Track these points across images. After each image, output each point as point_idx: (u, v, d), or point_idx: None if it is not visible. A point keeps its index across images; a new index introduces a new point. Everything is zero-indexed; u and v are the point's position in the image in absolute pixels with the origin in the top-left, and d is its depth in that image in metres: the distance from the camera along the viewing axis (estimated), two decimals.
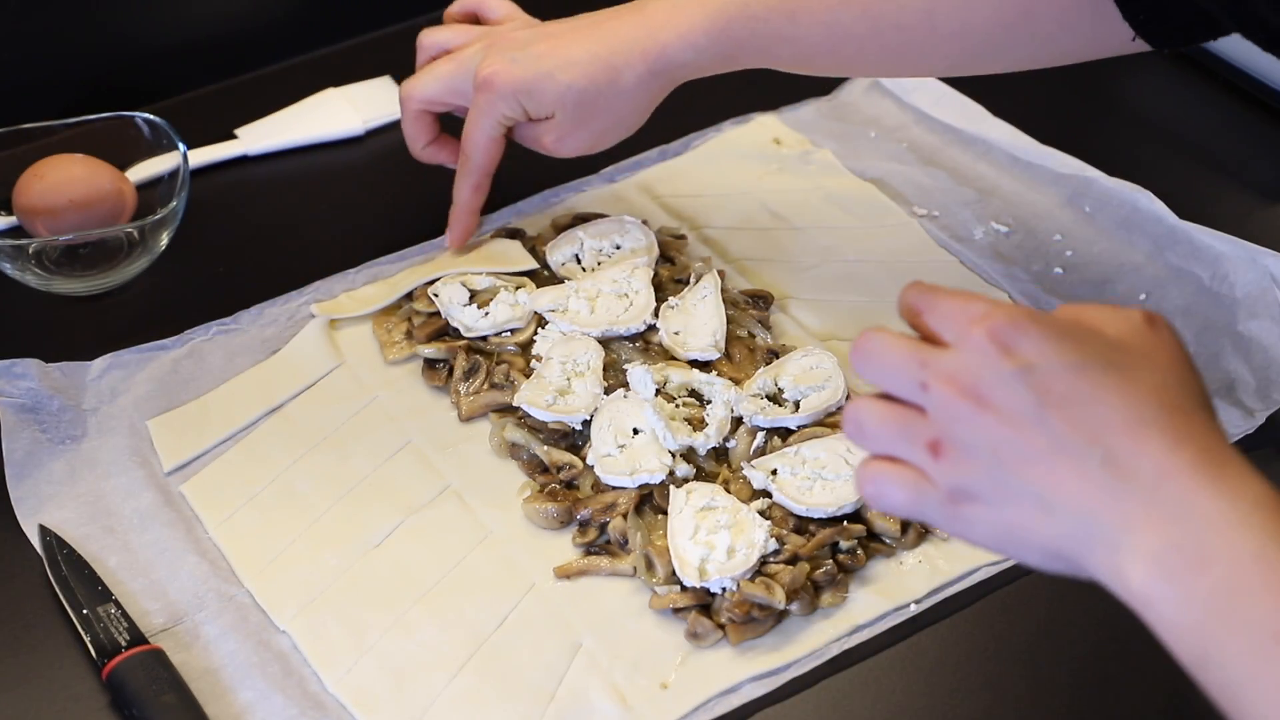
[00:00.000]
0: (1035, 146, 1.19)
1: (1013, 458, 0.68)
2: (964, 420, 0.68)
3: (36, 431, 1.00)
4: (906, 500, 0.71)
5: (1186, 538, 0.65)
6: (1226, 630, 0.64)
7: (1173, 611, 0.65)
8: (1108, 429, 0.67)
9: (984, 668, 0.90)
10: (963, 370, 0.68)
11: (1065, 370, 0.67)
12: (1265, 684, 0.63)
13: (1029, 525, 0.68)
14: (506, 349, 1.04)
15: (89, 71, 1.26)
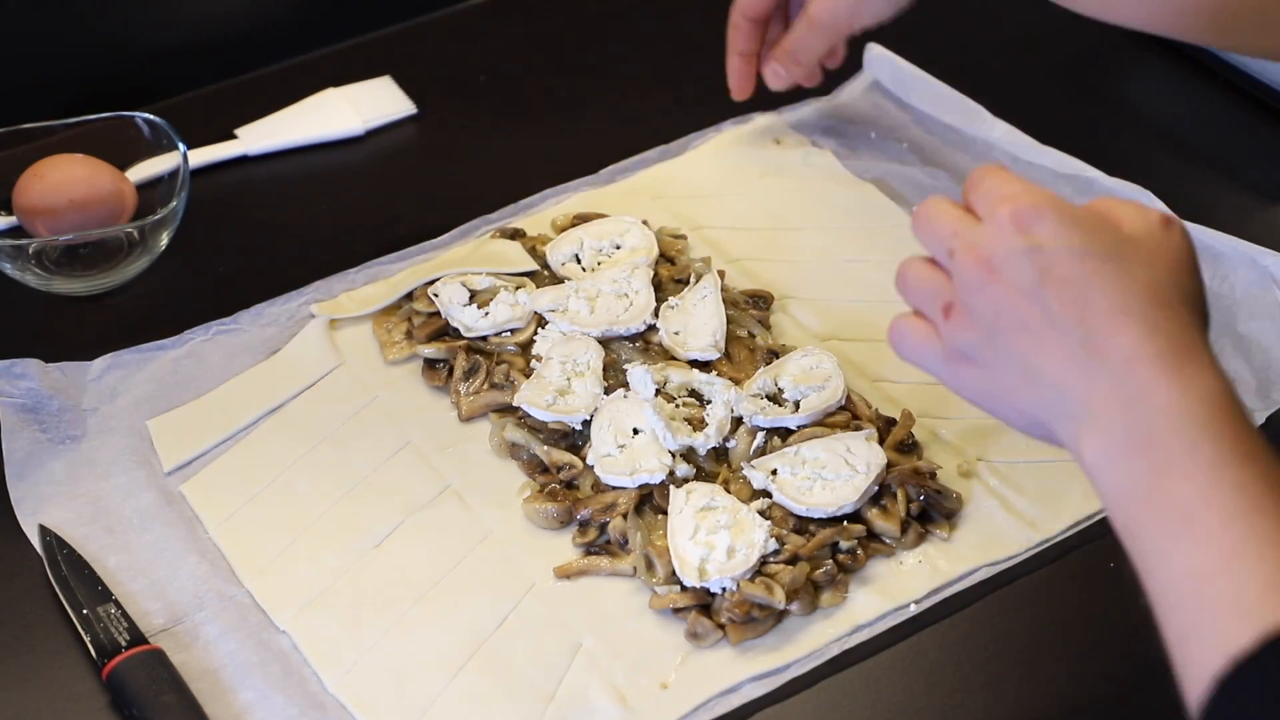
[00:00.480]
0: (1035, 146, 1.19)
1: (1009, 325, 0.75)
2: (974, 287, 0.76)
3: (36, 431, 1.00)
4: (914, 349, 0.82)
5: (1136, 422, 0.71)
6: (1149, 508, 0.70)
7: (1112, 486, 0.72)
8: (1093, 312, 0.73)
9: (984, 668, 0.90)
10: (983, 243, 0.76)
11: (1069, 254, 0.74)
12: (1171, 558, 0.69)
13: (1014, 390, 0.77)
14: (506, 349, 1.04)
15: (89, 71, 1.26)
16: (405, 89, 1.27)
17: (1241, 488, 0.69)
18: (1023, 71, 1.24)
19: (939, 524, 0.94)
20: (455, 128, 1.25)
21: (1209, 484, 0.69)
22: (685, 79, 1.27)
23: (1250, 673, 0.64)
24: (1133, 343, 0.72)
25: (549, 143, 1.23)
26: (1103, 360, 0.73)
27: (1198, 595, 0.68)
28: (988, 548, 0.94)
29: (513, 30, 1.35)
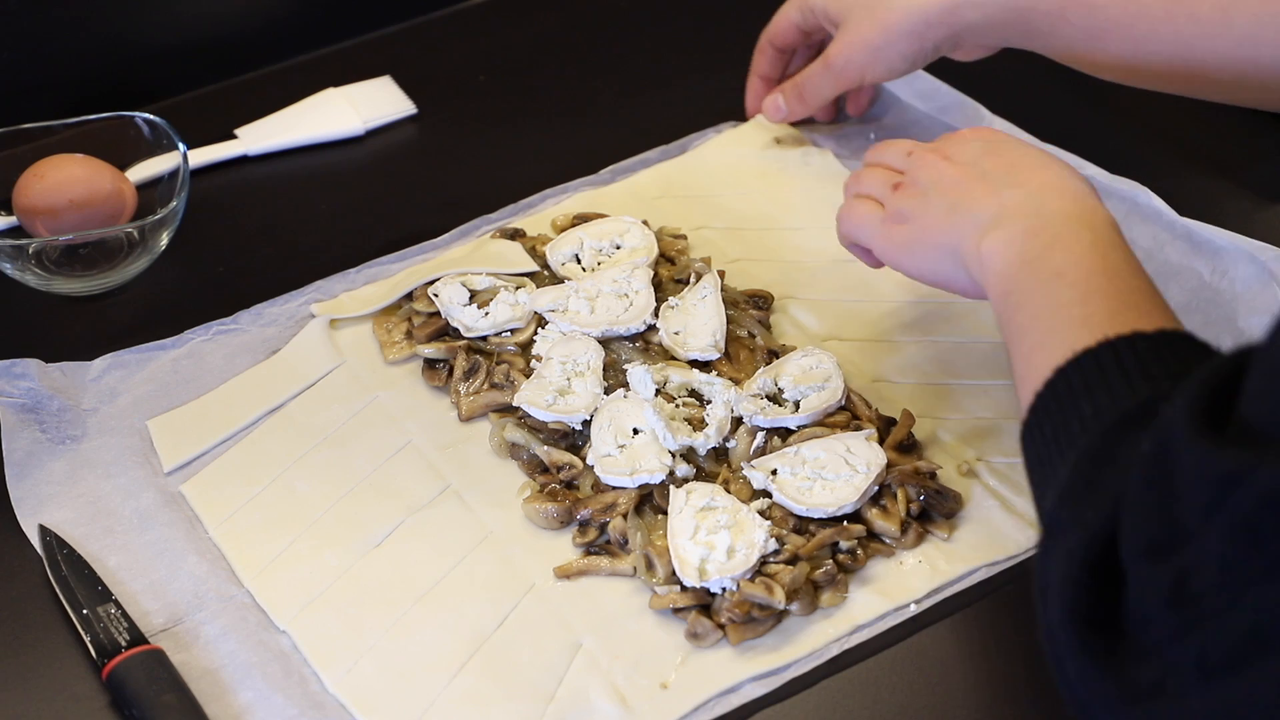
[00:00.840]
0: (1034, 142, 1.19)
1: (947, 183, 0.91)
2: (928, 166, 0.93)
3: (36, 431, 1.00)
4: (858, 220, 0.97)
5: (1037, 219, 0.85)
6: (1029, 270, 0.83)
7: (1001, 262, 0.84)
8: (1020, 168, 0.89)
9: (984, 668, 0.90)
10: (939, 144, 0.95)
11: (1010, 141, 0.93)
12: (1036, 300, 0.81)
13: (935, 227, 0.91)
14: (506, 349, 1.04)
15: (89, 71, 1.26)
16: (405, 89, 1.27)
17: (1109, 263, 0.81)
18: (1023, 71, 1.23)
19: (939, 524, 0.94)
20: (455, 128, 1.25)
21: (1082, 255, 0.82)
22: (685, 79, 1.27)
23: (1086, 361, 0.73)
24: (1049, 179, 0.88)
25: (549, 143, 1.23)
26: (1019, 188, 0.88)
27: (1053, 320, 0.78)
28: (988, 548, 0.94)
29: (513, 30, 1.35)
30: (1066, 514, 0.65)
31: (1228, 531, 0.56)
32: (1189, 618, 0.57)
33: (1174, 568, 0.58)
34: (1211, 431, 0.58)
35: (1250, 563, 0.55)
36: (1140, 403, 0.68)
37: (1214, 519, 0.56)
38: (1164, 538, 0.59)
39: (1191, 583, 0.57)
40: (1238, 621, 0.55)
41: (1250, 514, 0.55)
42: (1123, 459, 0.64)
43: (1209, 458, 0.57)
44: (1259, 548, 0.55)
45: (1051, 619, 0.63)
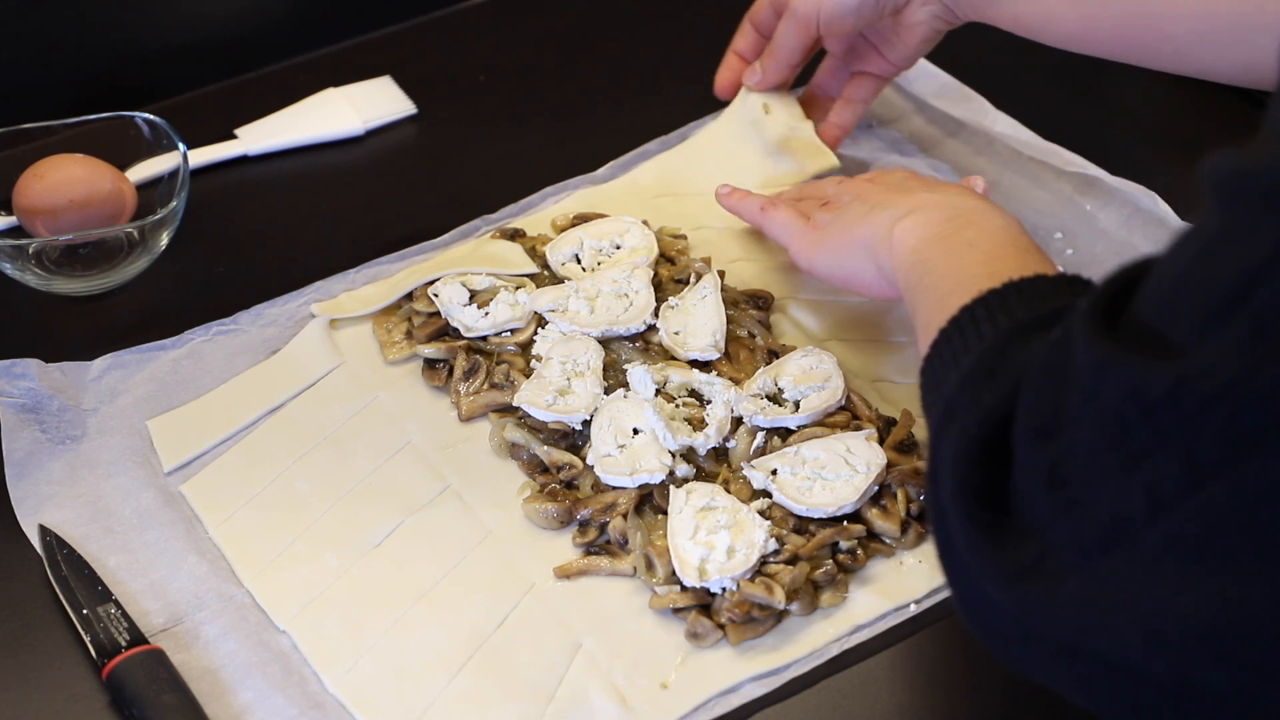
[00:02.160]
0: (1038, 142, 1.19)
1: (867, 195, 0.98)
2: (852, 186, 1.01)
3: (36, 431, 1.00)
4: (783, 224, 1.04)
5: (951, 212, 0.90)
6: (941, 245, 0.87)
7: (911, 239, 0.89)
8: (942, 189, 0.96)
9: (984, 668, 0.90)
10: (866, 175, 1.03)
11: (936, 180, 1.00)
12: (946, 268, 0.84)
13: (850, 224, 0.97)
14: (506, 349, 1.04)
15: (89, 71, 1.26)
16: (405, 89, 1.27)
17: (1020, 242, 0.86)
18: (1023, 70, 1.24)
19: None
20: (455, 128, 1.25)
21: (994, 231, 0.87)
22: (685, 79, 1.27)
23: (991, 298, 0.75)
24: (970, 196, 0.93)
25: (549, 142, 1.23)
26: (936, 192, 0.94)
27: (961, 278, 0.80)
28: None
29: (513, 30, 1.35)
30: (966, 397, 0.67)
31: (1097, 420, 0.58)
32: (1062, 500, 0.59)
33: (1052, 451, 0.60)
34: (1104, 324, 0.59)
35: (1114, 452, 0.57)
36: (1051, 309, 0.70)
37: (1088, 408, 0.58)
38: (1050, 422, 0.60)
39: (1064, 467, 0.59)
40: (1101, 509, 0.57)
41: (1117, 405, 0.57)
42: (1026, 350, 0.66)
43: (1093, 345, 0.58)
44: (1123, 438, 0.56)
45: (942, 494, 0.64)
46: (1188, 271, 0.58)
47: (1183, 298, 0.58)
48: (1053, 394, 0.61)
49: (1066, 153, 1.18)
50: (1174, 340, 0.57)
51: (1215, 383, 0.54)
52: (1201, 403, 0.54)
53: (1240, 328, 0.54)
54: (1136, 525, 0.56)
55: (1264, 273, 0.54)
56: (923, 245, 0.89)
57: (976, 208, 0.91)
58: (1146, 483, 0.56)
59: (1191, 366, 0.55)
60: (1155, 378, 0.55)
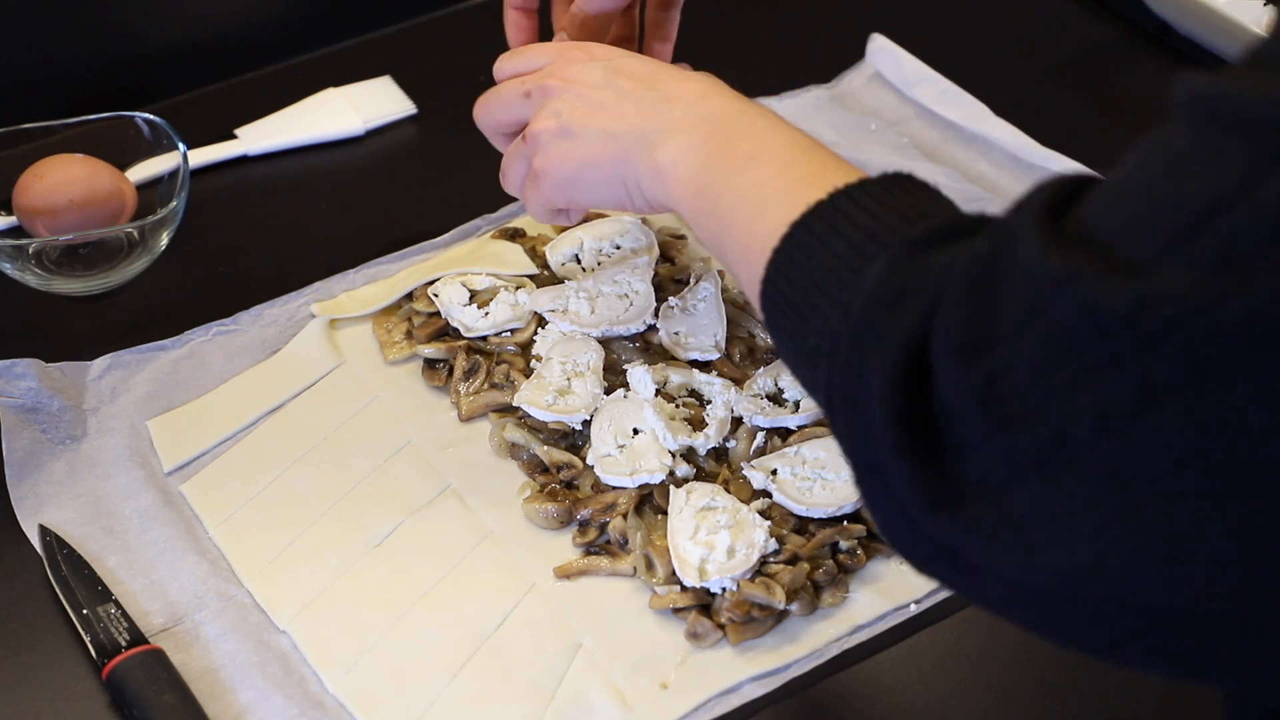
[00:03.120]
0: (1036, 148, 1.19)
1: (586, 109, 0.89)
2: (554, 92, 0.91)
3: (36, 431, 1.00)
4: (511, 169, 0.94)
5: (707, 123, 0.84)
6: (720, 166, 0.81)
7: (684, 168, 0.83)
8: (662, 81, 0.88)
9: (984, 668, 0.90)
10: (556, 67, 0.92)
11: (630, 57, 0.91)
12: (738, 185, 0.79)
13: (596, 156, 0.88)
14: (506, 349, 1.04)
15: (89, 71, 1.26)
16: (405, 89, 1.27)
17: (795, 139, 0.81)
18: (1023, 71, 1.24)
19: None
20: (455, 128, 1.25)
21: (768, 136, 0.81)
22: None
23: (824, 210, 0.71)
24: (700, 88, 0.86)
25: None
26: (676, 102, 0.86)
27: (762, 194, 0.77)
28: None
29: None
30: (880, 321, 0.63)
31: (1044, 335, 0.56)
32: (997, 418, 0.57)
33: (984, 368, 0.58)
34: (1057, 238, 0.57)
35: (1061, 369, 0.55)
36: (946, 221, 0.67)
37: (1033, 323, 0.56)
38: (978, 339, 0.58)
39: (1000, 384, 0.57)
40: (1042, 427, 0.56)
41: (1071, 319, 0.55)
42: (937, 265, 0.63)
43: (1047, 259, 0.56)
44: (1072, 355, 0.55)
45: (872, 425, 0.61)
46: (1153, 187, 0.56)
47: (1146, 214, 0.56)
48: (981, 309, 0.58)
49: (1065, 159, 1.18)
50: (1133, 258, 0.55)
51: (1179, 307, 0.52)
52: (1162, 326, 0.52)
53: (1206, 253, 0.52)
54: (1079, 445, 0.55)
55: (1234, 199, 0.52)
56: (698, 174, 0.82)
57: (732, 111, 0.84)
58: (1095, 402, 0.54)
59: (1154, 287, 0.53)
60: (1115, 296, 0.54)
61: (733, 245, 0.79)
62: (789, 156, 0.79)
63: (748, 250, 0.76)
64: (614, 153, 0.88)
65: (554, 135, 0.90)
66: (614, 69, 0.90)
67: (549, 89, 0.91)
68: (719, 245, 0.81)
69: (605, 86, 0.89)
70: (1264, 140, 0.52)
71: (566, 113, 0.90)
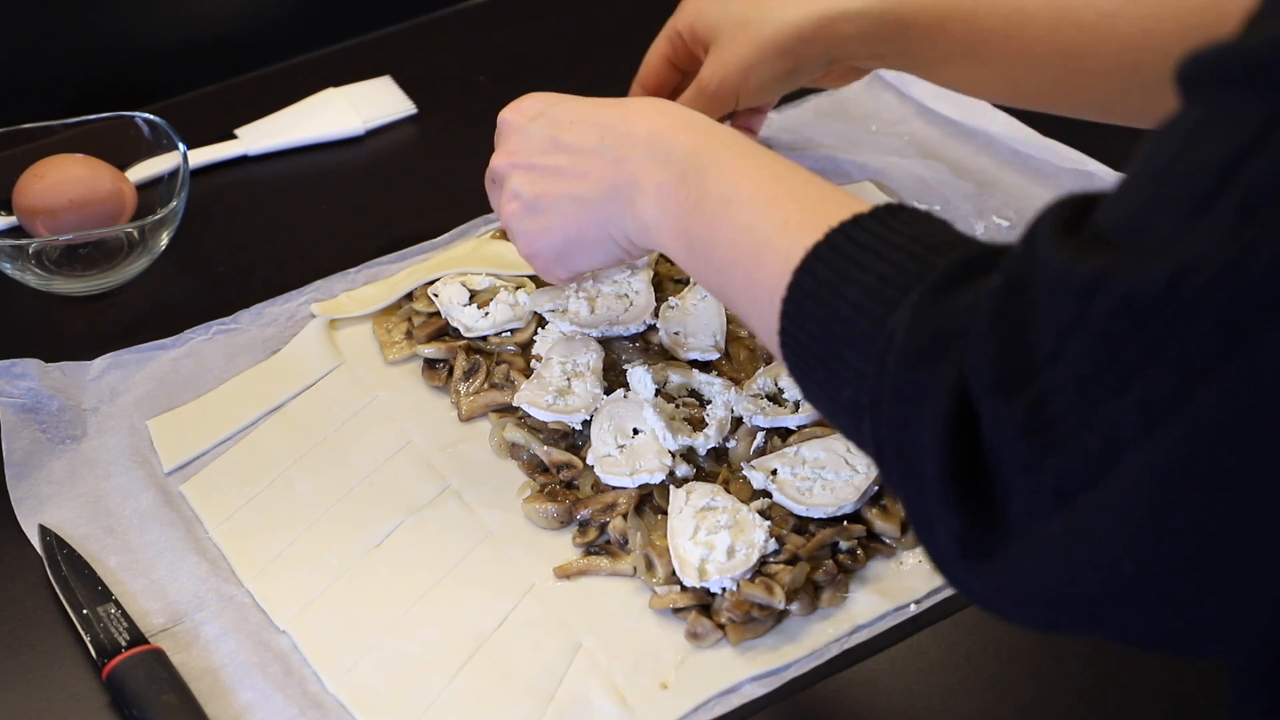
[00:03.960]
0: (1036, 139, 1.19)
1: (546, 184, 0.88)
2: (504, 175, 0.91)
3: (36, 431, 1.00)
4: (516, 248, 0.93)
5: (673, 166, 0.82)
6: (701, 212, 0.80)
7: (670, 219, 0.82)
8: (607, 128, 0.86)
9: (984, 668, 0.90)
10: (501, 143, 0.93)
11: (563, 103, 0.91)
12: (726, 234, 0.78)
13: (574, 223, 0.88)
14: (506, 349, 1.04)
15: (89, 71, 1.26)
16: (405, 89, 1.27)
17: (764, 165, 0.79)
18: None
19: None
20: (455, 128, 1.25)
21: (735, 169, 0.80)
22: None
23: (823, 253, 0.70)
24: (649, 125, 0.85)
25: None
26: (631, 148, 0.85)
27: (753, 240, 0.76)
28: None
29: (513, 30, 1.35)
30: (919, 374, 0.62)
31: (1085, 346, 0.54)
32: (1044, 444, 0.56)
33: (1027, 398, 0.56)
34: (1075, 246, 0.56)
35: (1105, 375, 0.54)
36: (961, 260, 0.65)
37: (1071, 338, 0.55)
38: (1015, 370, 0.57)
39: (1046, 409, 0.56)
40: (1091, 441, 0.54)
41: (1108, 321, 0.54)
42: (962, 308, 0.62)
43: (1071, 269, 0.55)
44: (1114, 357, 0.54)
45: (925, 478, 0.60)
46: (1167, 168, 0.55)
47: (1164, 194, 0.54)
48: (1008, 342, 0.57)
49: (1064, 148, 1.18)
50: (1157, 239, 0.53)
51: (1209, 271, 0.51)
52: (1196, 295, 0.51)
53: (1230, 212, 0.51)
54: (1127, 448, 0.53)
55: (1250, 151, 0.51)
56: (684, 221, 0.81)
57: (691, 147, 0.82)
58: (1139, 398, 0.53)
59: (1183, 259, 0.52)
60: (1148, 279, 0.52)
61: (740, 297, 0.78)
62: (766, 192, 0.78)
63: (756, 302, 0.75)
64: (593, 218, 0.87)
65: (522, 217, 0.90)
66: (554, 125, 0.90)
67: (497, 170, 0.92)
68: (724, 295, 0.81)
69: (553, 150, 0.89)
70: (1272, 87, 0.51)
71: (525, 189, 0.89)
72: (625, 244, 0.87)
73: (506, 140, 0.92)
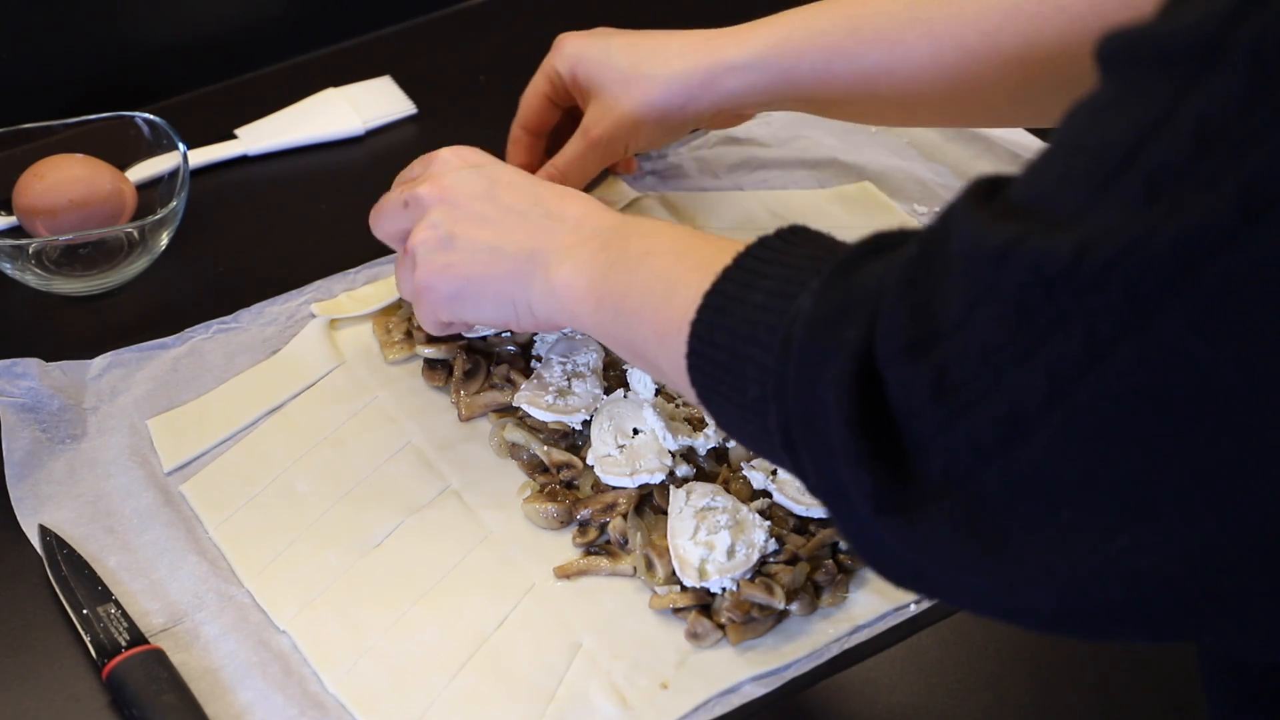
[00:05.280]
0: (1036, 143, 1.19)
1: (468, 224, 0.90)
2: (429, 204, 0.91)
3: (36, 431, 1.00)
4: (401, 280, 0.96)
5: (595, 239, 0.85)
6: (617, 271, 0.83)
7: (582, 281, 0.84)
8: (544, 197, 0.89)
9: (984, 668, 0.90)
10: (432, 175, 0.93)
11: (508, 169, 0.93)
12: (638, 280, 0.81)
13: (483, 273, 0.89)
14: (506, 349, 1.04)
15: (89, 71, 1.26)
16: (405, 89, 1.27)
17: (682, 229, 0.84)
18: None
19: None
20: (455, 128, 1.25)
21: (658, 234, 0.83)
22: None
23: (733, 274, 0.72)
24: (581, 208, 0.88)
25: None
26: (561, 221, 0.88)
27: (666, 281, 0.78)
28: None
29: (513, 30, 1.35)
30: (824, 338, 0.63)
31: (993, 313, 0.55)
32: (951, 408, 0.57)
33: (933, 363, 0.57)
34: (988, 215, 0.57)
35: (1011, 343, 0.55)
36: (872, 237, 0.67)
37: (980, 305, 0.56)
38: (924, 334, 0.58)
39: (951, 374, 0.57)
40: (997, 406, 0.55)
41: (1018, 290, 0.54)
42: (870, 278, 0.63)
43: (986, 234, 0.56)
44: (1021, 326, 0.54)
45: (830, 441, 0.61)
46: (1078, 142, 0.56)
47: (1075, 168, 0.55)
48: (919, 307, 0.58)
49: None
50: (1066, 212, 0.54)
51: (1113, 245, 0.52)
52: (1101, 268, 0.52)
53: (1135, 189, 0.52)
54: (1034, 416, 0.54)
55: (1155, 130, 0.52)
56: (598, 283, 0.84)
57: (614, 223, 0.87)
58: (1046, 367, 0.54)
59: (1090, 232, 0.52)
60: (1056, 250, 0.53)
61: (647, 337, 0.79)
62: (684, 244, 0.80)
63: (664, 336, 0.77)
64: (503, 271, 0.89)
65: (433, 248, 0.91)
66: (491, 179, 0.91)
67: (422, 198, 0.92)
68: (632, 344, 0.82)
69: (485, 198, 0.90)
70: (1179, 67, 0.52)
71: (445, 224, 0.90)
72: (521, 308, 0.89)
73: (439, 176, 0.93)
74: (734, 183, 1.19)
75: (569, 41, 1.09)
